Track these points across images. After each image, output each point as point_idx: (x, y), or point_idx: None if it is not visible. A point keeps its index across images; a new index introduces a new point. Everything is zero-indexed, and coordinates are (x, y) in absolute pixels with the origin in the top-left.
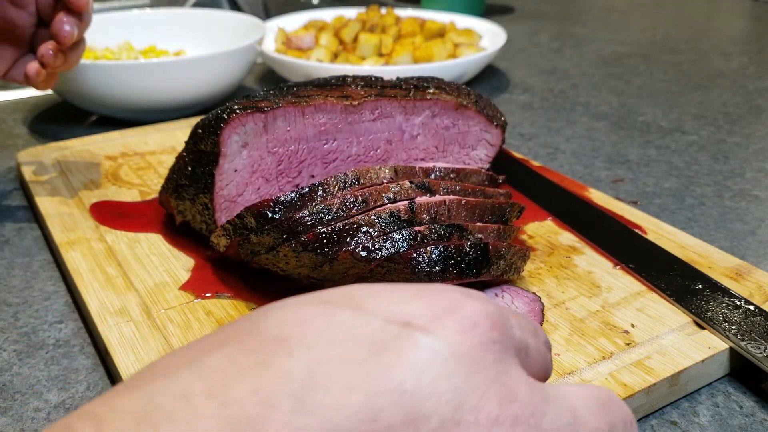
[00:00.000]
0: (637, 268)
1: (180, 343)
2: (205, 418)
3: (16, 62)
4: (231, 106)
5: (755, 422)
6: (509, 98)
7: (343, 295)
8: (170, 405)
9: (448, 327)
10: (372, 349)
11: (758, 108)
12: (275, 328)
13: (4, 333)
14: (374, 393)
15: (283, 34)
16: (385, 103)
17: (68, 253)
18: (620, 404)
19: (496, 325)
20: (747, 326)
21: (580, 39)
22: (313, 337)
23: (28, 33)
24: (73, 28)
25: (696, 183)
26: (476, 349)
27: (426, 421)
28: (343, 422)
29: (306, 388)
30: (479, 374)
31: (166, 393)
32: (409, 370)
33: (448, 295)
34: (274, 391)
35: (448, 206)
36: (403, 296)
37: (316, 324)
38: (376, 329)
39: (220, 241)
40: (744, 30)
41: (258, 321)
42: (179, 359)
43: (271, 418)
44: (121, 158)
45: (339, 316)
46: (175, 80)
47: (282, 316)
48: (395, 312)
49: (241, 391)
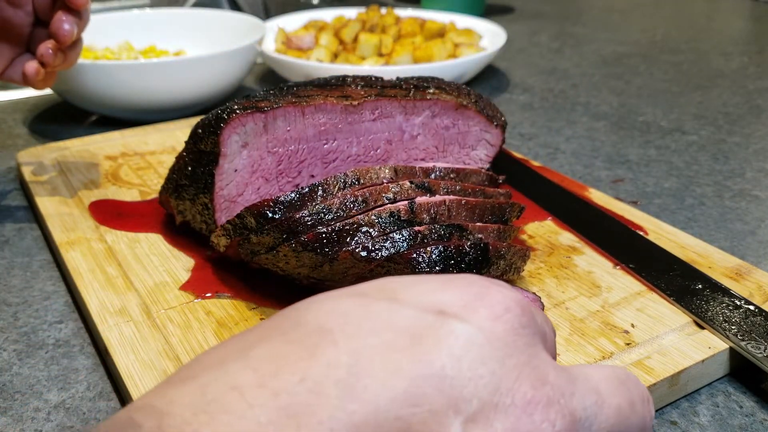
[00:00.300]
0: (637, 268)
1: (180, 343)
2: (258, 407)
3: (13, 61)
4: (231, 106)
5: (755, 422)
6: (509, 98)
7: (376, 288)
8: (224, 397)
9: (481, 313)
10: (411, 337)
11: (758, 108)
12: (317, 320)
13: (4, 333)
14: (416, 378)
15: (283, 34)
16: (385, 103)
17: (68, 253)
18: (637, 382)
19: (525, 311)
20: (747, 326)
21: (580, 39)
22: (354, 327)
23: (25, 32)
24: (72, 27)
25: (696, 183)
26: (509, 334)
27: (466, 404)
28: (388, 407)
29: (351, 375)
30: (513, 358)
31: (219, 385)
32: (447, 356)
33: (476, 283)
34: (322, 379)
35: (448, 206)
36: (434, 286)
37: (355, 315)
38: (413, 318)
39: (220, 241)
40: (744, 30)
41: (299, 314)
42: (226, 351)
43: (321, 405)
44: (121, 158)
45: (376, 307)
46: (175, 80)
47: (322, 309)
48: (428, 301)
49: (290, 381)
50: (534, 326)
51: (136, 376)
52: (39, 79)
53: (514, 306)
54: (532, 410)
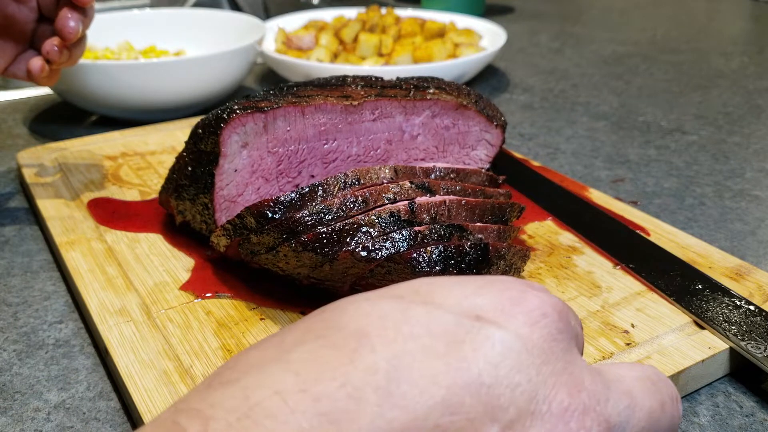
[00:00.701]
0: (637, 268)
1: (180, 343)
2: (300, 413)
3: (17, 58)
4: (231, 106)
5: (755, 422)
6: (509, 98)
7: (412, 290)
8: (267, 401)
9: (518, 319)
10: (448, 343)
11: (758, 108)
12: (355, 323)
13: (4, 333)
14: (455, 386)
15: (283, 34)
16: (385, 103)
17: (68, 253)
18: (667, 382)
19: (561, 316)
20: (747, 326)
21: (580, 39)
22: (392, 331)
23: (28, 28)
24: (78, 24)
25: (696, 183)
26: (546, 340)
27: (504, 412)
28: (427, 414)
29: (390, 381)
30: (550, 365)
31: (261, 389)
32: (485, 363)
33: (513, 287)
34: (361, 385)
35: (448, 206)
36: (471, 289)
37: (393, 319)
38: (451, 323)
39: (220, 241)
40: (744, 30)
41: (336, 316)
42: (265, 353)
43: (361, 412)
44: (121, 158)
45: (413, 311)
46: (175, 80)
47: (359, 311)
48: (466, 306)
49: (330, 386)
50: (569, 330)
51: (136, 376)
52: (43, 76)
53: (551, 311)
54: (569, 418)
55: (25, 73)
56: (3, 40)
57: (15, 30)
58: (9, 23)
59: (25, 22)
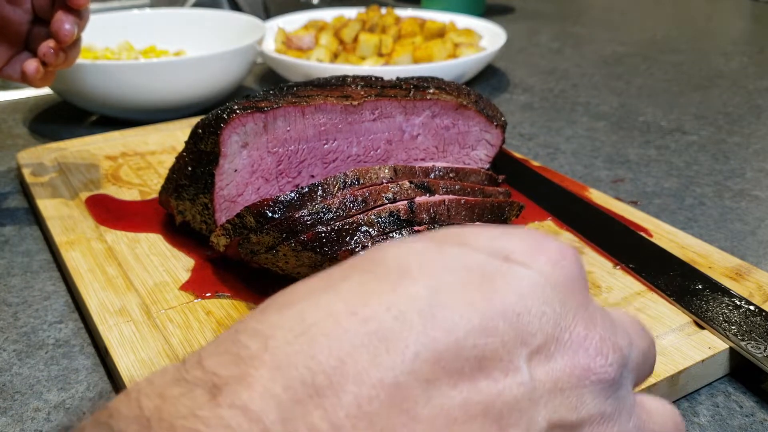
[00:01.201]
0: (637, 268)
1: (180, 343)
2: (352, 332)
3: (11, 59)
4: (231, 106)
5: (755, 422)
6: (509, 98)
7: (443, 235)
8: (322, 322)
9: (542, 260)
10: (482, 277)
11: (758, 108)
12: (396, 259)
13: (4, 333)
14: (490, 312)
15: (283, 34)
16: (385, 103)
17: (68, 253)
18: (648, 330)
19: (577, 261)
20: (747, 326)
21: (580, 39)
22: (430, 265)
23: (23, 30)
24: (73, 27)
25: (696, 183)
26: (567, 279)
27: (532, 338)
28: (467, 335)
29: (432, 306)
30: (569, 300)
31: (316, 312)
32: (515, 295)
33: (534, 235)
34: (406, 309)
35: (447, 206)
36: (497, 234)
37: (430, 255)
38: (483, 261)
39: (220, 240)
40: (744, 30)
41: (377, 256)
42: (315, 286)
43: (406, 332)
44: (121, 158)
45: (449, 250)
46: (175, 80)
47: (400, 251)
48: (495, 247)
49: (377, 309)
50: (583, 274)
51: (136, 376)
52: (38, 78)
53: (570, 255)
54: (588, 345)
55: (20, 75)
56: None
57: (9, 31)
58: (3, 24)
59: (19, 23)
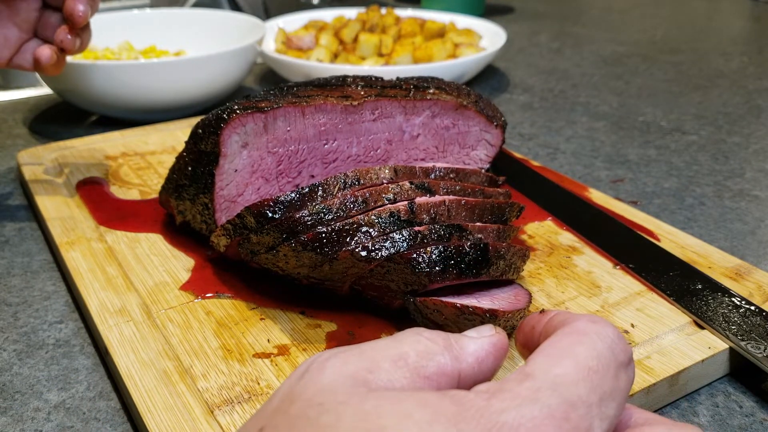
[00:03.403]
0: (637, 268)
1: (180, 344)
2: None
3: (21, 48)
4: (231, 106)
5: (755, 422)
6: (509, 98)
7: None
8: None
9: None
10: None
11: (758, 108)
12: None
13: (4, 333)
14: None
15: (283, 34)
16: (385, 103)
17: (68, 253)
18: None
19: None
20: (747, 326)
21: (580, 39)
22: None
23: (32, 17)
24: (87, 8)
25: (696, 183)
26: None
27: None
28: None
29: None
30: None
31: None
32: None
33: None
34: None
35: (447, 206)
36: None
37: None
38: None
39: (220, 240)
40: (744, 30)
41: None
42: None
43: None
44: (121, 158)
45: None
46: (175, 80)
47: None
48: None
49: None
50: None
51: (136, 376)
52: (51, 64)
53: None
54: None
55: (31, 63)
56: (7, 29)
57: (19, 19)
58: (13, 12)
59: (28, 10)
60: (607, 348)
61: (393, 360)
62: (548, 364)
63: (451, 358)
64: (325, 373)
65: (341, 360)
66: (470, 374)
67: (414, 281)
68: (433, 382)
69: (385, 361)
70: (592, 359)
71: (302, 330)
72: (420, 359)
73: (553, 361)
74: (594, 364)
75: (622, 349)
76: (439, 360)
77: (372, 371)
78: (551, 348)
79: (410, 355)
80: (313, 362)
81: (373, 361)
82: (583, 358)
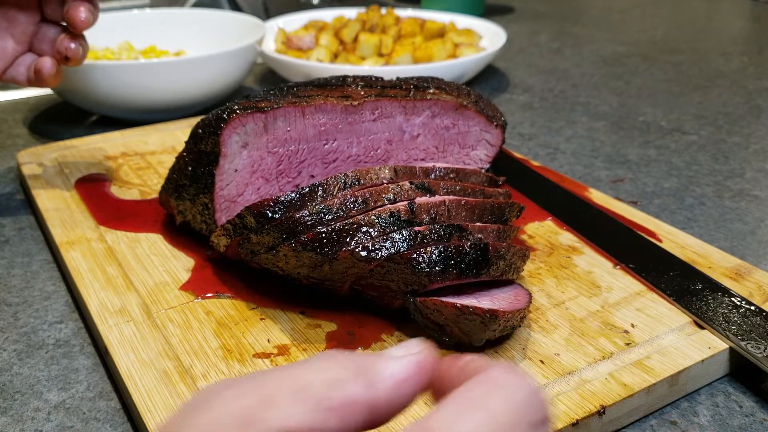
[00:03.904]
0: (637, 268)
1: (180, 343)
2: None
3: (15, 61)
4: (231, 106)
5: (755, 422)
6: (509, 98)
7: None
8: None
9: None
10: None
11: (758, 108)
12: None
13: (4, 333)
14: None
15: (283, 34)
16: (386, 103)
17: (68, 253)
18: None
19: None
20: (747, 326)
21: (580, 39)
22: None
23: (30, 30)
24: (88, 15)
25: (696, 183)
26: None
27: None
28: None
29: None
30: None
31: None
32: None
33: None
34: None
35: (447, 206)
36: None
37: None
38: None
39: (220, 240)
40: (744, 30)
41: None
42: None
43: None
44: (121, 158)
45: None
46: (175, 80)
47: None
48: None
49: None
50: None
51: (136, 376)
52: (53, 75)
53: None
54: None
55: (24, 77)
56: (4, 41)
57: (17, 31)
58: (12, 24)
59: (27, 23)
60: (522, 401)
61: (294, 392)
62: (454, 417)
63: (363, 386)
64: (215, 407)
65: (238, 392)
66: (385, 400)
67: (414, 281)
68: (339, 413)
69: (285, 395)
70: (503, 413)
71: (302, 330)
72: (326, 389)
73: (460, 413)
74: (504, 419)
75: (538, 407)
76: (348, 389)
77: (267, 408)
78: (461, 397)
79: (315, 386)
80: (212, 391)
81: (270, 395)
82: (494, 411)
